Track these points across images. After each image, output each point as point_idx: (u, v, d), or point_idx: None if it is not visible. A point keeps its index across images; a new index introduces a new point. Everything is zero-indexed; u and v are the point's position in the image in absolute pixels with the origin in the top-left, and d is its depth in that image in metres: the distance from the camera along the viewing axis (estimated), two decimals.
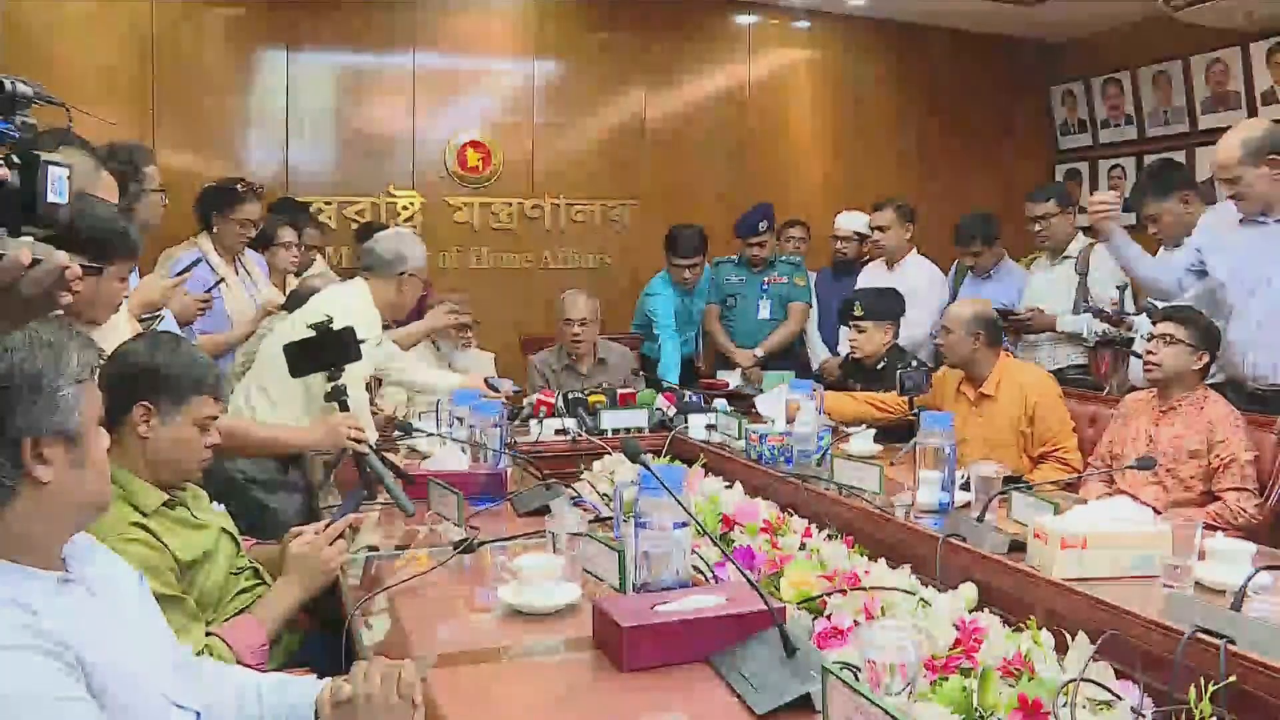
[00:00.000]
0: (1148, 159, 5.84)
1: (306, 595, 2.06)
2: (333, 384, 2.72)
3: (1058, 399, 3.41)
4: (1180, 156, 5.70)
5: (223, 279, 3.83)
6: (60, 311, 1.43)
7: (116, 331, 2.33)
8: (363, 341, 2.73)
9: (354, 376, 2.84)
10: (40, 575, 1.23)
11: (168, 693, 1.35)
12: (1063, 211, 4.47)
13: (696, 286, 5.18)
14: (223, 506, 2.23)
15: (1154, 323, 3.08)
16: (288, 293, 4.09)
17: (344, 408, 2.69)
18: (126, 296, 2.42)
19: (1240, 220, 3.26)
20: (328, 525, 2.19)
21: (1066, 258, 4.43)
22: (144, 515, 1.90)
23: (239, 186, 4.01)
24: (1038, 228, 4.45)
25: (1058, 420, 3.34)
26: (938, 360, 4.86)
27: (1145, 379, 3.10)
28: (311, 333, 2.69)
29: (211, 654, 1.80)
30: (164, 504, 1.96)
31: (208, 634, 1.88)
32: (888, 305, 4.04)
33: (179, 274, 3.28)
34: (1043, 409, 3.33)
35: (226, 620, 1.99)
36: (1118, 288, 4.06)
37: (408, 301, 3.35)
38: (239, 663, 1.84)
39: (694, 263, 5.05)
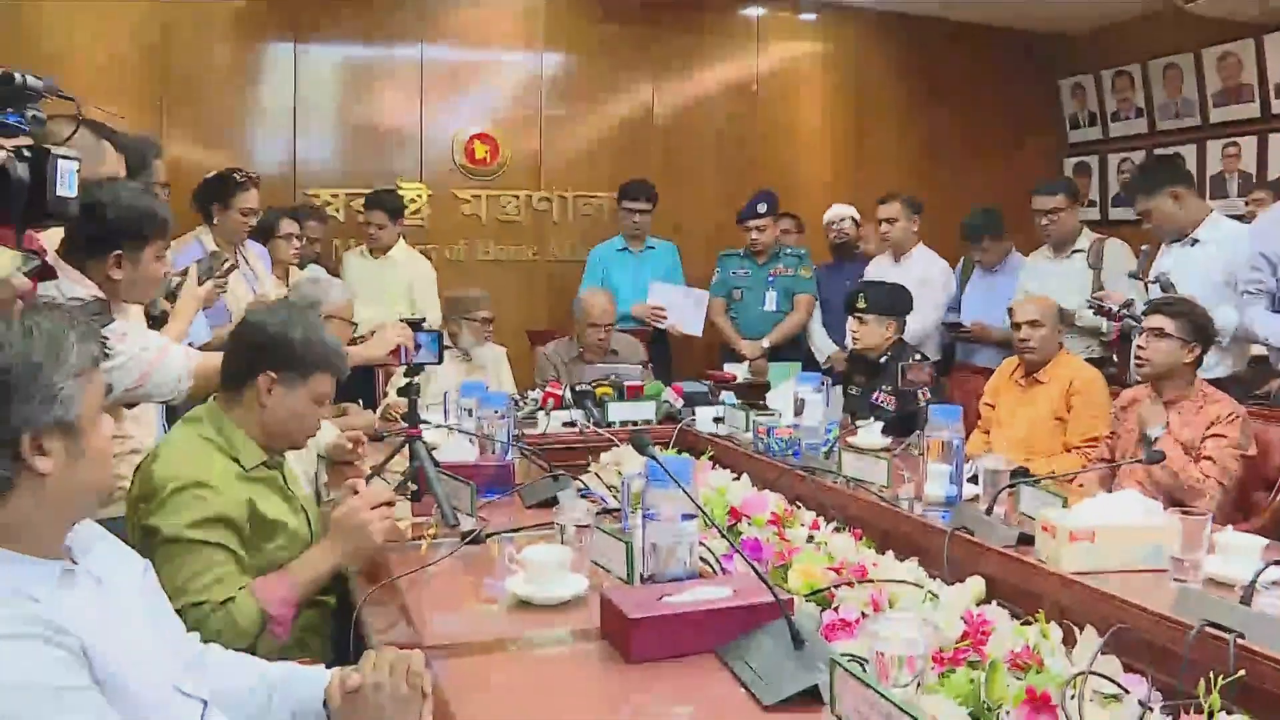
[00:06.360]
0: (1158, 153, 5.82)
1: (345, 561, 2.03)
2: (409, 380, 2.74)
3: (1101, 392, 3.48)
4: (1191, 150, 5.68)
5: (234, 266, 3.83)
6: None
7: (131, 320, 2.35)
8: None
9: None
10: (42, 564, 1.23)
11: (174, 681, 1.35)
12: (1071, 206, 4.45)
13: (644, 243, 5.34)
14: (310, 487, 2.26)
15: (1144, 314, 3.07)
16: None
17: (413, 407, 2.70)
18: (167, 273, 2.45)
19: None
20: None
21: (1076, 251, 4.41)
22: (244, 469, 1.98)
23: (236, 175, 4.00)
24: (1045, 221, 4.43)
25: (1095, 411, 3.39)
26: (944, 354, 4.86)
27: (1136, 374, 3.10)
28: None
29: (231, 609, 1.83)
30: (262, 463, 2.02)
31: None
32: (893, 301, 3.99)
33: (187, 269, 3.27)
34: (1083, 397, 3.41)
35: None
36: (1129, 275, 4.04)
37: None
38: (264, 611, 1.85)
39: (643, 208, 5.24)
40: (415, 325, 2.75)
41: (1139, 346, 2.97)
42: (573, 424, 3.48)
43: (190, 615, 1.80)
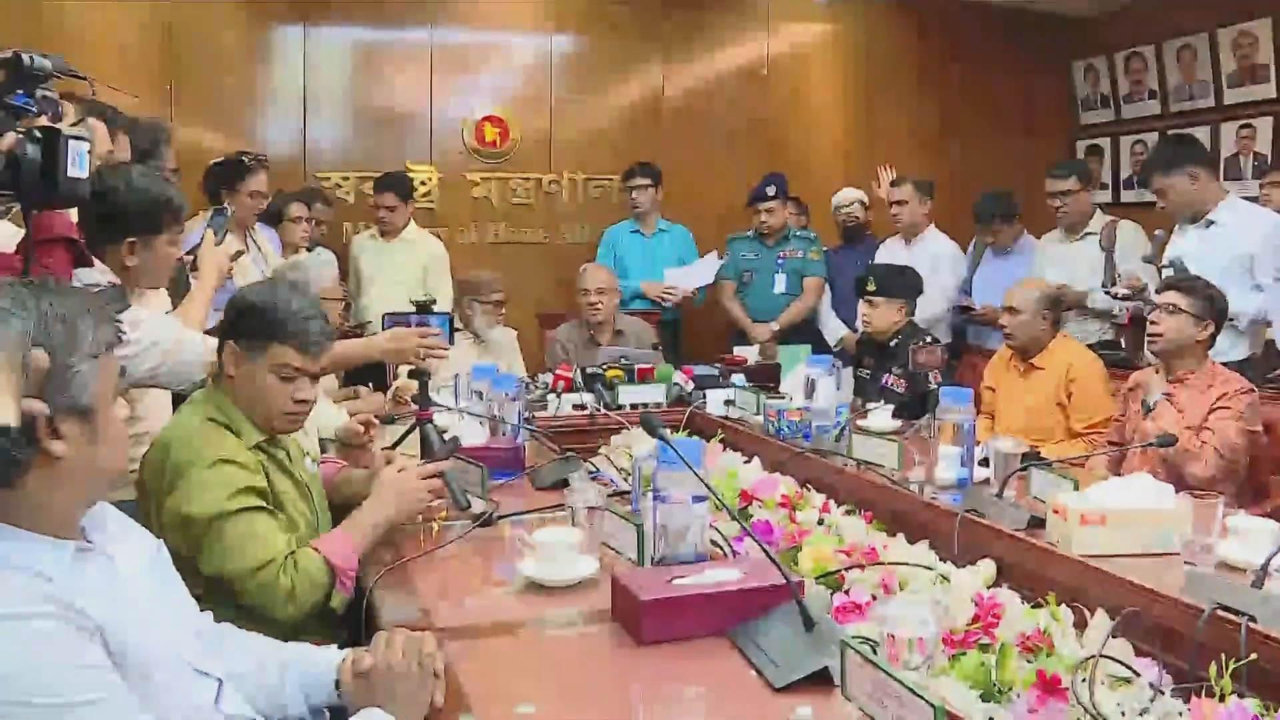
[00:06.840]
0: (1173, 133, 5.77)
1: (395, 519, 2.06)
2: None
3: (1099, 378, 3.46)
4: (1205, 132, 5.62)
5: (243, 250, 3.83)
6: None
7: (150, 307, 2.36)
8: None
9: None
10: (57, 545, 1.23)
11: (190, 660, 1.36)
12: (1083, 188, 4.43)
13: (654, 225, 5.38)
14: (315, 466, 2.28)
15: (1157, 291, 3.06)
16: None
17: (423, 389, 2.69)
18: (180, 258, 2.45)
19: None
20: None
21: (1089, 234, 4.39)
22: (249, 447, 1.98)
23: (245, 158, 4.00)
24: (1057, 203, 4.42)
25: (1095, 397, 3.38)
26: (955, 336, 4.85)
27: (1148, 350, 3.08)
28: (411, 308, 2.74)
29: (297, 562, 1.85)
30: (264, 441, 2.02)
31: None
32: (903, 283, 3.97)
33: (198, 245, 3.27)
34: (1081, 384, 3.40)
35: None
36: (1143, 259, 4.01)
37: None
38: (329, 562, 1.88)
39: (639, 183, 5.27)
40: (426, 308, 2.74)
41: (1152, 321, 2.95)
42: (583, 406, 3.48)
43: (260, 577, 1.83)
